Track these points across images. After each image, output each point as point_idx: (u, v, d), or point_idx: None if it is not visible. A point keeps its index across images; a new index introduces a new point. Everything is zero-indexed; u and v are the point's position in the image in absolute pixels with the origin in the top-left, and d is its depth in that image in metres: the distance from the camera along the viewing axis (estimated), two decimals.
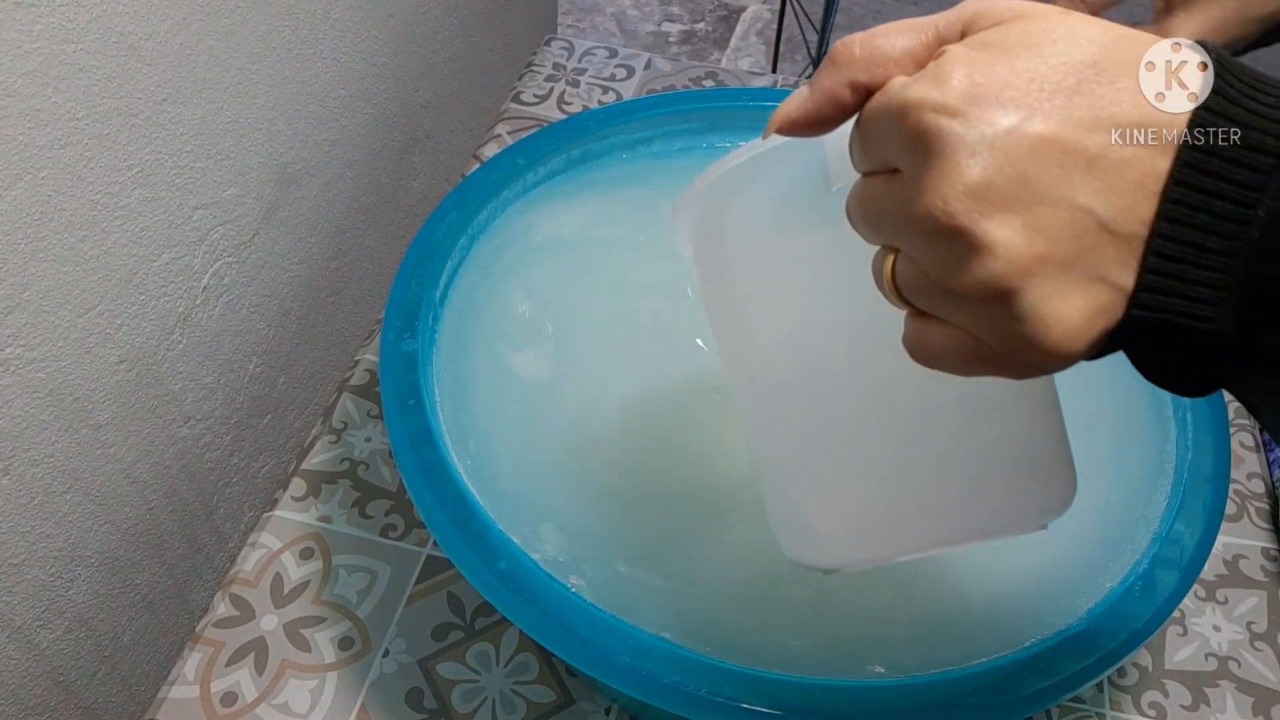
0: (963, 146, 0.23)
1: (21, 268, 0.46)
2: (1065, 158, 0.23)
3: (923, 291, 0.26)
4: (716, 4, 2.09)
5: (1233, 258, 0.23)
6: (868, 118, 0.27)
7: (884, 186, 0.26)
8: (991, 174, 0.23)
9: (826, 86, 0.27)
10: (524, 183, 0.60)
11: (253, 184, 0.63)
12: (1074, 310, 0.24)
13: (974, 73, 0.24)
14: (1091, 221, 0.23)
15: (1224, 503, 0.47)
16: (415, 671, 0.51)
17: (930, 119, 0.24)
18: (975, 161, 0.23)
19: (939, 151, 0.24)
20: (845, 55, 0.27)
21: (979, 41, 0.25)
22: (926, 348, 0.27)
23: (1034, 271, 0.23)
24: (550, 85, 0.83)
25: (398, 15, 0.76)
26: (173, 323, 0.58)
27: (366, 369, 0.63)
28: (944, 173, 0.24)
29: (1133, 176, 0.23)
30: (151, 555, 0.63)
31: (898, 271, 0.27)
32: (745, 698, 0.40)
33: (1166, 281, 0.24)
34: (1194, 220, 0.23)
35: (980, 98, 0.24)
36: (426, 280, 0.53)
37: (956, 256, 0.24)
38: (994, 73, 0.24)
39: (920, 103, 0.24)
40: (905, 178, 0.25)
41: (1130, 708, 0.52)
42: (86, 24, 0.46)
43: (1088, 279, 0.24)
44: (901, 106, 0.25)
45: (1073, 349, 0.24)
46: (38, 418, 0.50)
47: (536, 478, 0.50)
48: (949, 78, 0.24)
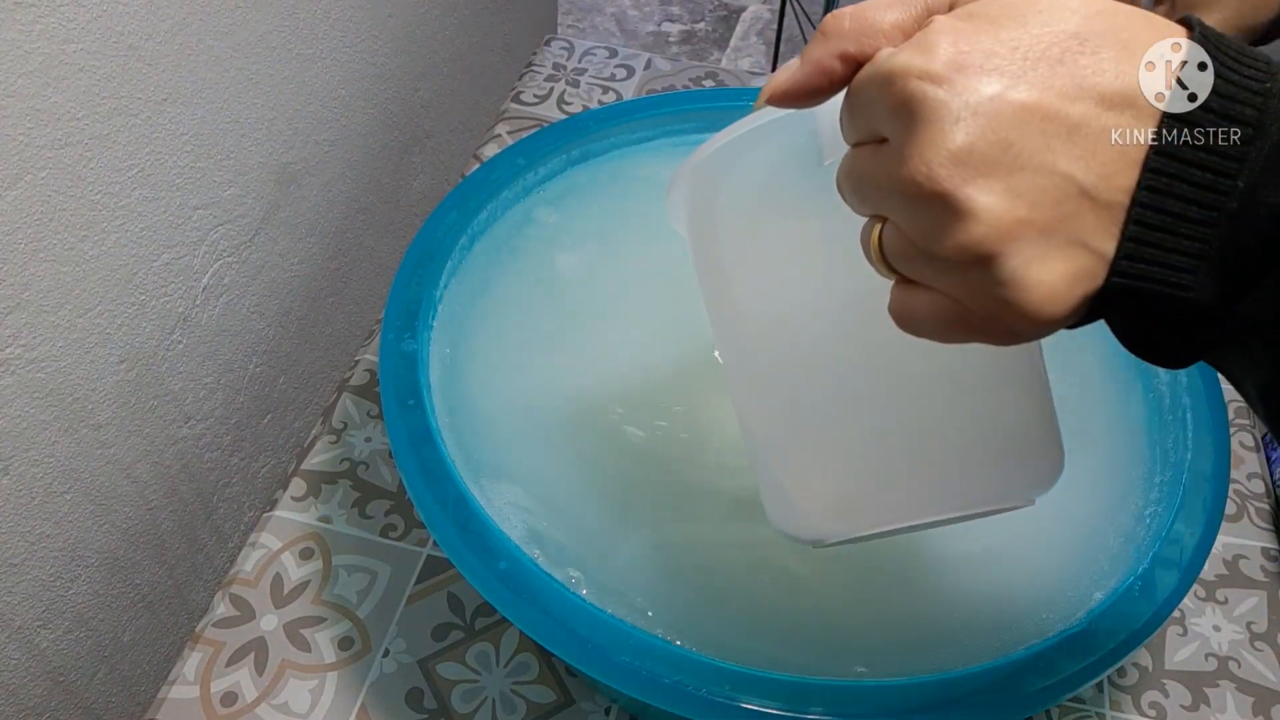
0: (947, 113, 0.24)
1: (21, 268, 0.46)
2: (1047, 125, 0.24)
3: (908, 258, 0.26)
4: (716, 4, 2.09)
5: (1212, 227, 0.23)
6: (857, 88, 0.27)
7: (872, 156, 0.26)
8: (974, 140, 0.24)
9: (816, 58, 0.28)
10: (524, 183, 0.60)
11: (253, 184, 0.63)
12: (1054, 275, 0.24)
13: (959, 41, 0.24)
14: (1072, 188, 0.24)
15: (1224, 503, 0.47)
16: (415, 671, 0.51)
17: (915, 86, 0.24)
18: (959, 128, 0.24)
19: (923, 118, 0.24)
20: (835, 27, 0.27)
21: (965, 13, 0.26)
22: (912, 314, 0.27)
23: (1015, 236, 0.24)
24: (550, 85, 0.83)
25: (398, 15, 0.76)
26: (173, 323, 0.58)
27: (366, 369, 0.63)
28: (928, 138, 0.24)
29: (1114, 145, 0.24)
30: (151, 555, 0.63)
31: (884, 239, 0.27)
32: (745, 698, 0.40)
33: (1146, 250, 0.24)
34: (1174, 190, 0.24)
35: (965, 66, 0.24)
36: (426, 280, 0.53)
37: (940, 222, 0.24)
38: (979, 42, 0.24)
39: (905, 70, 0.25)
40: (891, 145, 0.25)
41: (1130, 708, 0.52)
42: (86, 24, 0.46)
43: (1068, 244, 0.24)
44: (888, 74, 0.25)
45: (1054, 314, 0.25)
46: (38, 418, 0.50)
47: (537, 477, 0.50)
48: (935, 46, 0.24)
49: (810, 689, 0.40)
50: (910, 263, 0.26)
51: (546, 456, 0.51)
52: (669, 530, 0.49)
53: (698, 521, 0.49)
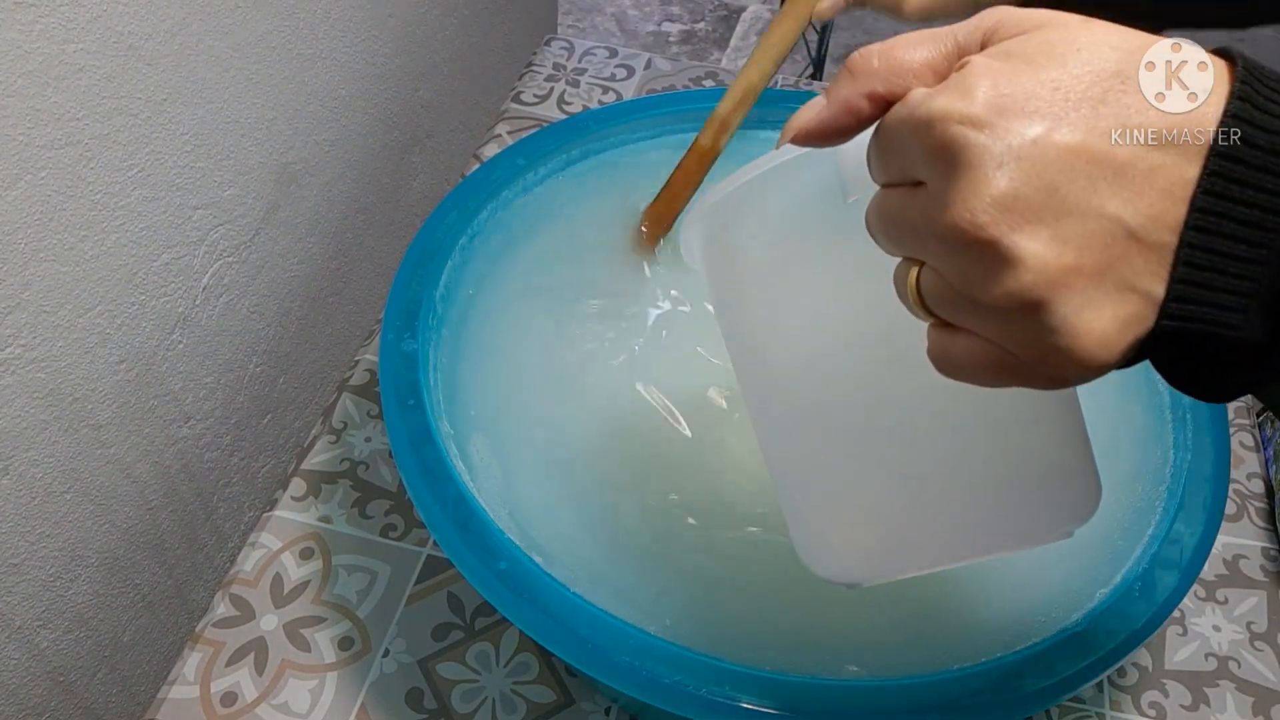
0: (989, 158, 0.23)
1: (21, 268, 0.46)
2: (1093, 167, 0.23)
3: (949, 303, 0.26)
4: (716, 4, 2.09)
5: (1261, 265, 0.23)
6: (888, 129, 0.26)
7: (906, 199, 0.26)
8: (1019, 185, 0.23)
9: (844, 97, 0.27)
10: (524, 183, 0.60)
11: (253, 184, 0.63)
12: (1105, 321, 0.24)
13: (999, 83, 0.24)
14: (1120, 230, 0.23)
15: (1224, 503, 0.47)
16: (415, 671, 0.51)
17: (956, 131, 0.24)
18: (1002, 173, 0.23)
19: (965, 164, 0.24)
20: (863, 66, 0.27)
21: (1002, 52, 0.25)
22: (952, 359, 0.27)
23: (1064, 283, 0.23)
24: (550, 85, 0.83)
25: (398, 15, 0.76)
26: (173, 323, 0.58)
27: (366, 369, 0.63)
28: (971, 185, 0.23)
29: (1160, 184, 0.23)
30: (151, 555, 0.63)
31: (922, 283, 0.26)
32: (745, 697, 0.40)
33: (1195, 290, 0.24)
34: (1222, 228, 0.23)
35: (1006, 109, 0.23)
36: (426, 280, 0.53)
37: (985, 269, 0.24)
38: (1019, 83, 0.24)
39: (945, 115, 0.24)
40: (930, 190, 0.25)
41: (1130, 708, 0.52)
42: (86, 24, 0.46)
43: (1118, 289, 0.24)
44: (926, 119, 0.24)
45: (1104, 360, 0.24)
46: (38, 418, 0.50)
47: (537, 477, 0.50)
48: (974, 89, 0.24)
49: (810, 689, 0.40)
50: (951, 308, 0.26)
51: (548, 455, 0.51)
52: (669, 530, 0.49)
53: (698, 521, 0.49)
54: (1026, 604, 0.46)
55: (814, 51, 1.58)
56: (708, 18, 2.06)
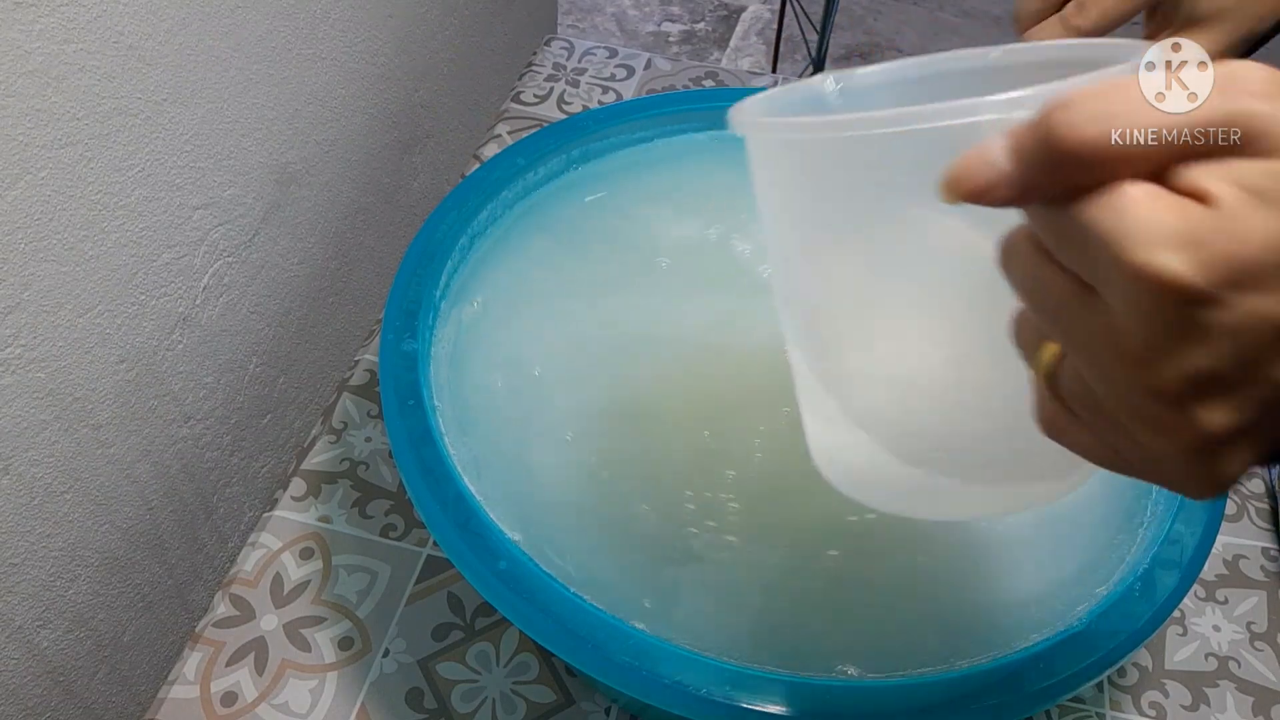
0: (1203, 336, 0.21)
1: (21, 268, 0.46)
2: None
3: (1088, 409, 0.24)
4: (716, 4, 2.09)
5: None
6: (1078, 216, 0.22)
7: (1076, 298, 0.22)
8: (1221, 366, 0.21)
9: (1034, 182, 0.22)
10: (524, 183, 0.60)
11: (253, 184, 0.63)
12: (1236, 468, 0.23)
13: (1245, 247, 0.20)
14: None
15: (1224, 503, 0.47)
16: (415, 671, 0.51)
17: (1177, 304, 0.20)
18: (1210, 353, 0.21)
19: (1174, 334, 0.21)
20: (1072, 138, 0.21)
21: (1257, 189, 0.20)
22: (1064, 437, 0.25)
23: (1223, 443, 0.22)
24: (550, 85, 0.83)
25: (398, 15, 0.76)
26: (173, 323, 0.58)
27: (366, 369, 0.63)
28: (1172, 357, 0.21)
29: None
30: (151, 555, 0.63)
31: (1063, 378, 0.24)
32: (745, 697, 0.40)
33: None
34: None
35: (1242, 284, 0.20)
36: (426, 280, 0.53)
37: (1148, 418, 0.22)
38: (1270, 243, 0.20)
39: (1174, 282, 0.20)
40: (1119, 327, 0.22)
41: (1130, 708, 0.52)
42: (86, 24, 0.46)
43: (1262, 441, 0.23)
44: (1147, 273, 0.20)
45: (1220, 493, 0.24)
46: (38, 418, 0.50)
47: (537, 477, 0.50)
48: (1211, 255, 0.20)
49: (810, 689, 0.40)
50: (1090, 413, 0.24)
51: (548, 456, 0.51)
52: (670, 529, 0.49)
53: (698, 520, 0.49)
54: (1027, 603, 0.46)
55: (814, 52, 1.58)
56: (708, 18, 2.06)
